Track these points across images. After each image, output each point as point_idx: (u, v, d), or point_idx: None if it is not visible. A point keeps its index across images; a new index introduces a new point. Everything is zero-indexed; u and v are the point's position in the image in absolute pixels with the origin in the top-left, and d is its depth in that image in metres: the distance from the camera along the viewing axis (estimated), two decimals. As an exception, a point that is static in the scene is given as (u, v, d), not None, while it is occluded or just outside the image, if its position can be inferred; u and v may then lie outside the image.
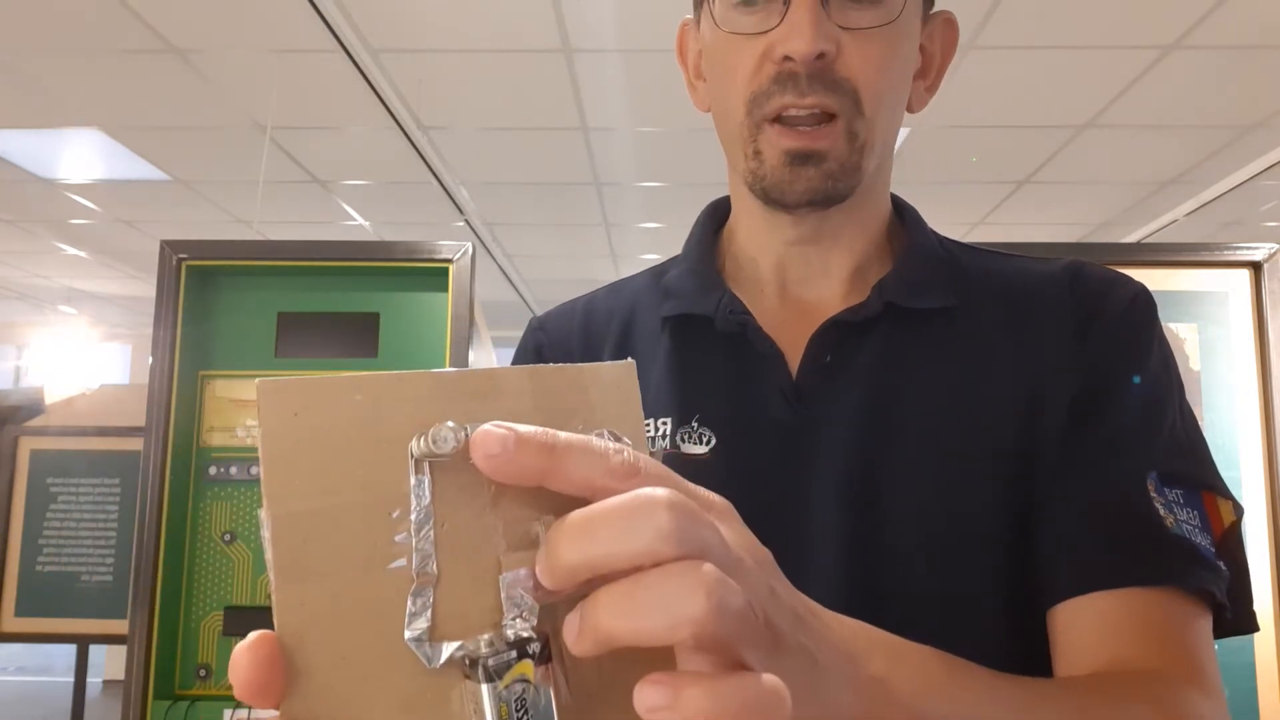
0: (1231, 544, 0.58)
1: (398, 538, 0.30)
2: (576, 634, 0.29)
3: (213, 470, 1.75)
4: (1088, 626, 0.54)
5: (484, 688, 0.29)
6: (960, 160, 4.06)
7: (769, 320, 0.66)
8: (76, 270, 6.35)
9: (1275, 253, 1.72)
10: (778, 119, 0.60)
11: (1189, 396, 0.64)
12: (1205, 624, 0.55)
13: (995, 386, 0.61)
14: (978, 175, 4.26)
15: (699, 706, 0.27)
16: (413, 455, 0.30)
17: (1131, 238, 4.90)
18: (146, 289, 6.56)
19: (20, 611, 2.45)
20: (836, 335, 0.63)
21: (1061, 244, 2.08)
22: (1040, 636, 0.57)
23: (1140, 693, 0.49)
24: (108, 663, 5.98)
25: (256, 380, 0.27)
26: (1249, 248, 1.73)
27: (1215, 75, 3.19)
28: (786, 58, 0.58)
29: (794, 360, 0.64)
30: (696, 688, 0.27)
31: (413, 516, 0.30)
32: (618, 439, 0.34)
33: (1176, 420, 0.60)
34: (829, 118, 0.59)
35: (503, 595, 0.31)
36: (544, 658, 0.30)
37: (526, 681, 0.29)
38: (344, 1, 2.77)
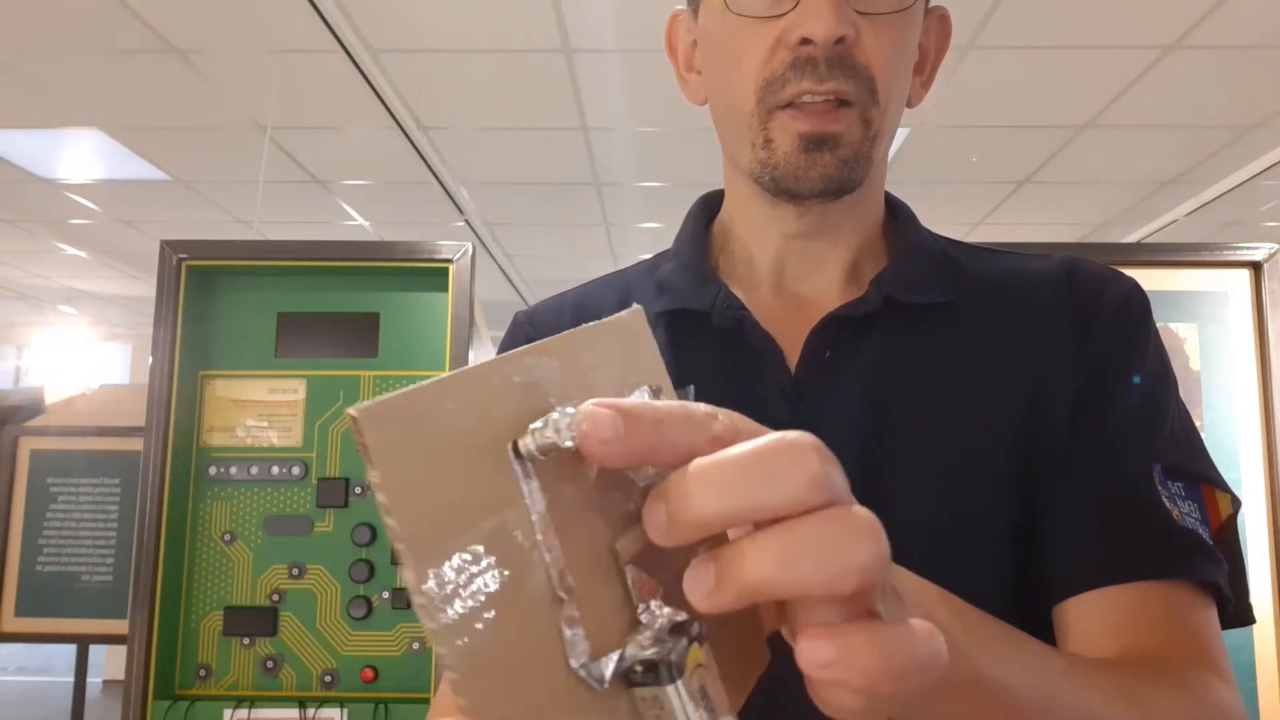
0: (1228, 536, 0.59)
1: (532, 555, 0.26)
2: (712, 587, 0.26)
3: (213, 470, 1.75)
4: (1099, 619, 0.54)
5: (671, 689, 0.27)
6: (960, 160, 4.06)
7: (765, 316, 0.65)
8: (76, 270, 6.35)
9: (1275, 253, 1.72)
10: (791, 104, 0.58)
11: (1189, 397, 0.64)
12: (1213, 615, 0.55)
13: (996, 384, 0.61)
14: (978, 175, 4.26)
15: (870, 658, 0.25)
16: (523, 456, 0.27)
17: (1131, 238, 4.90)
18: (146, 289, 6.56)
19: (20, 611, 2.45)
20: (835, 331, 0.62)
21: (1061, 244, 2.08)
22: (1043, 634, 0.56)
23: (1169, 676, 0.50)
24: (108, 663, 5.98)
25: (350, 410, 0.23)
26: (1249, 248, 1.73)
27: (1215, 75, 3.19)
28: (804, 41, 0.56)
29: (792, 356, 0.63)
30: (863, 638, 0.26)
31: (538, 529, 0.27)
32: (656, 394, 0.33)
33: (1175, 413, 0.61)
34: (843, 103, 0.57)
35: (630, 584, 0.29)
36: (704, 636, 0.28)
37: (701, 665, 0.27)
38: (344, 1, 2.77)
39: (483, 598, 0.25)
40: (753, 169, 0.61)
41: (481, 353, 2.04)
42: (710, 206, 0.74)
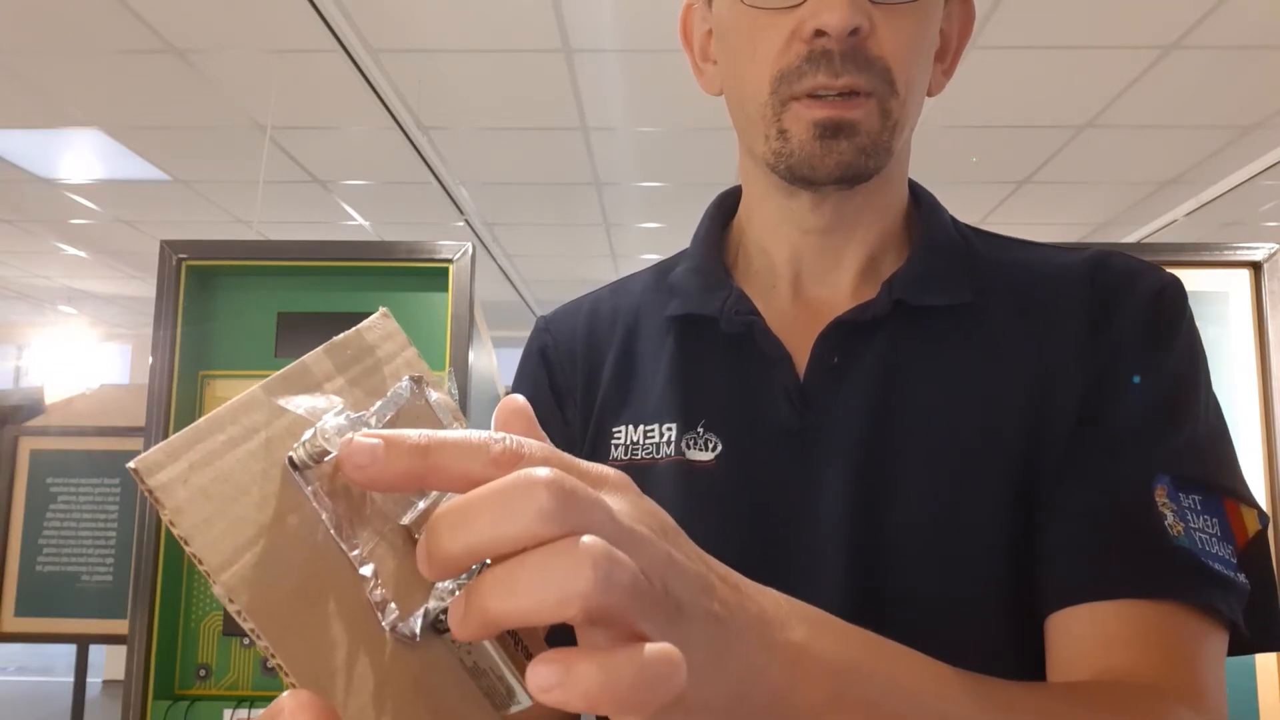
0: (1256, 554, 0.55)
1: (331, 547, 0.30)
2: (461, 619, 0.28)
3: (213, 470, 1.75)
4: (1081, 636, 0.52)
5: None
6: (960, 160, 4.06)
7: (778, 318, 0.64)
8: (76, 270, 6.35)
9: (1275, 253, 1.72)
10: (806, 95, 0.57)
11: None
12: (1210, 640, 0.52)
13: (1005, 389, 0.59)
14: (978, 175, 4.26)
15: (590, 681, 0.26)
16: (299, 466, 0.30)
17: (1131, 238, 4.90)
18: (146, 289, 6.56)
19: (20, 611, 2.45)
20: (843, 336, 0.61)
21: (1061, 244, 2.08)
22: (1042, 642, 0.55)
23: (1115, 703, 0.47)
24: (108, 663, 5.98)
25: (129, 465, 0.26)
26: (1249, 248, 1.73)
27: (1215, 75, 3.19)
28: (818, 33, 0.55)
29: (802, 361, 0.62)
30: (587, 663, 0.27)
31: (329, 524, 0.30)
32: (417, 381, 0.36)
33: (1199, 422, 0.57)
34: (860, 94, 0.56)
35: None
36: None
37: None
38: (344, 1, 2.77)
39: (296, 592, 0.28)
40: (768, 159, 0.60)
41: (481, 352, 2.04)
42: (727, 205, 0.73)
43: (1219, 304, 1.72)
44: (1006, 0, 2.72)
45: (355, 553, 0.31)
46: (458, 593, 0.31)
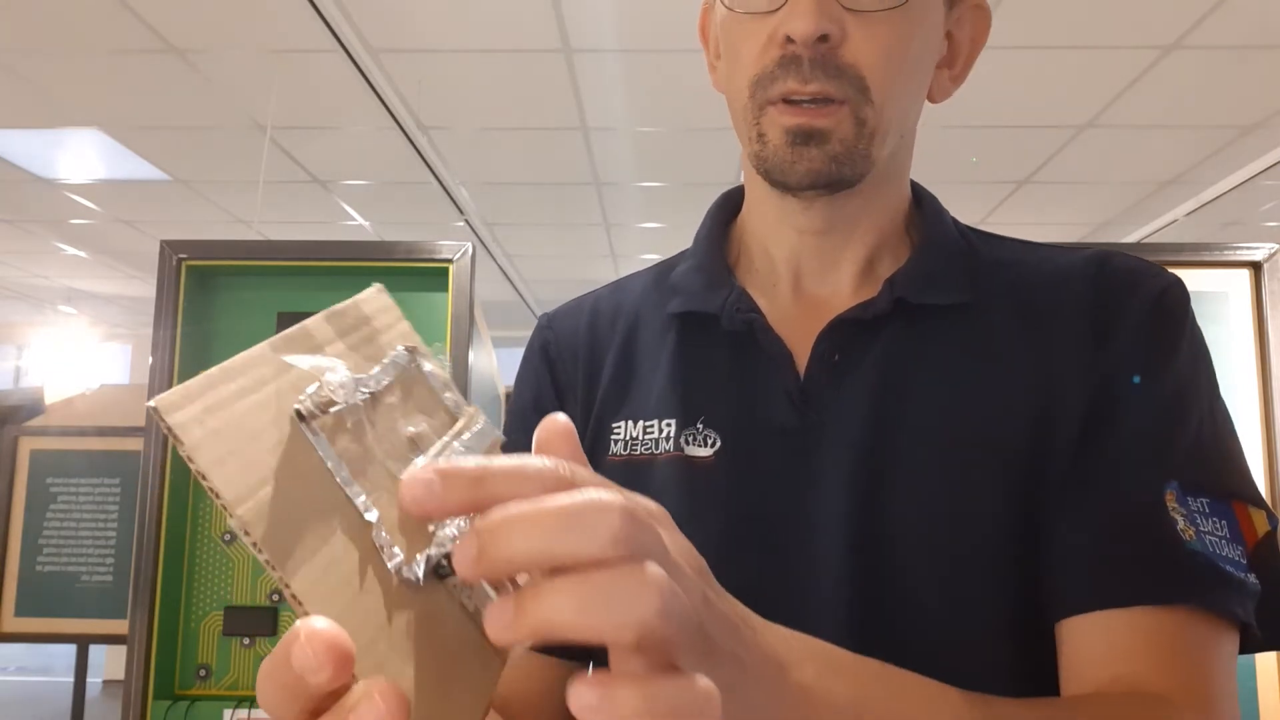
0: (1266, 555, 0.55)
1: (337, 494, 0.32)
2: (510, 621, 0.29)
3: (213, 470, 1.75)
4: (1092, 644, 0.52)
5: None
6: (960, 160, 4.06)
7: (779, 316, 0.64)
8: (76, 270, 6.35)
9: (1275, 253, 1.72)
10: (781, 100, 0.58)
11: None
12: (1222, 645, 0.52)
13: (1007, 389, 0.58)
14: (978, 175, 4.26)
15: (632, 707, 0.27)
16: (305, 417, 0.31)
17: (1131, 238, 4.90)
18: (146, 289, 6.56)
19: (20, 611, 2.45)
20: (844, 334, 0.61)
21: (1062, 245, 2.08)
22: (1050, 649, 0.55)
23: (1122, 714, 0.47)
24: (108, 663, 5.98)
25: (149, 403, 0.27)
26: (1249, 248, 1.73)
27: (1215, 75, 3.19)
28: (789, 39, 0.56)
29: (802, 360, 0.62)
30: (630, 689, 0.28)
31: (336, 473, 0.32)
32: (412, 352, 0.38)
33: (1205, 424, 0.57)
34: (832, 101, 0.57)
35: None
36: None
37: None
38: (344, 1, 2.77)
39: (307, 529, 0.30)
40: (752, 161, 0.61)
41: (481, 352, 2.04)
42: (730, 204, 0.73)
43: (1219, 304, 1.73)
44: (1007, 0, 2.72)
45: (361, 499, 0.32)
46: (458, 540, 0.31)
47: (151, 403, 0.27)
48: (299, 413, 0.31)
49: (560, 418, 0.36)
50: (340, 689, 0.28)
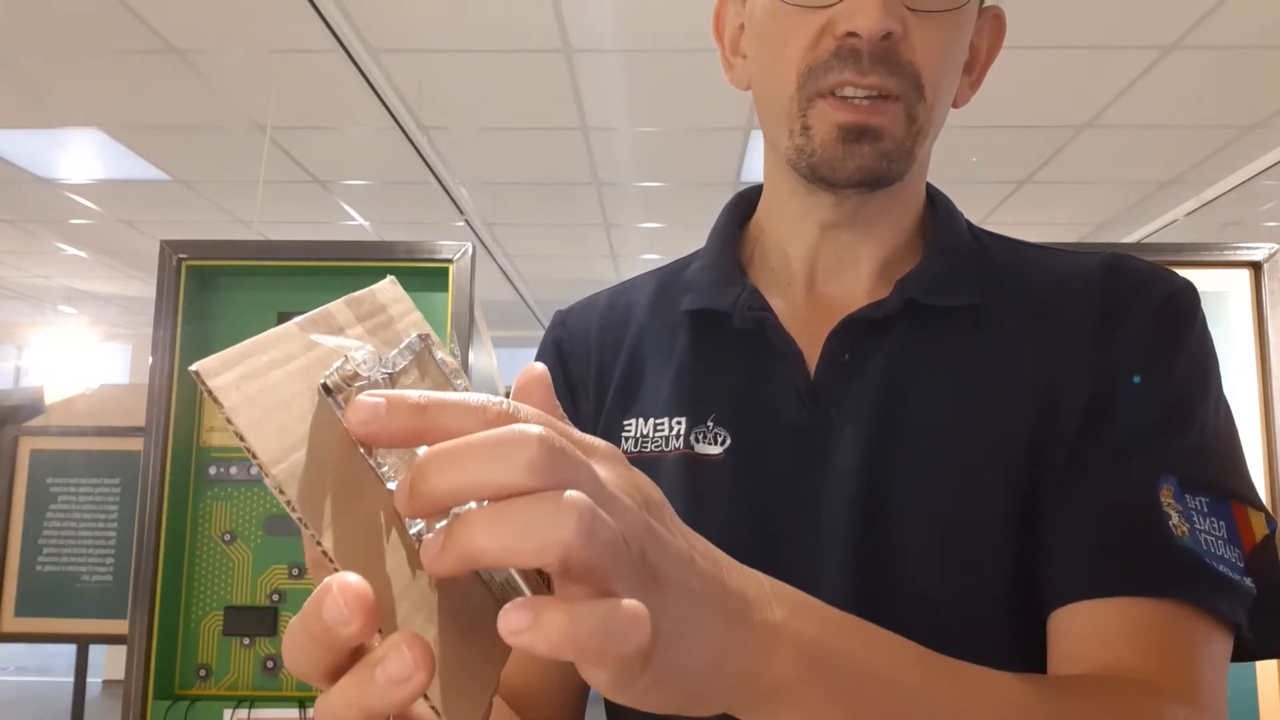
0: (1263, 558, 0.55)
1: (365, 460, 0.33)
2: (438, 552, 0.30)
3: (213, 470, 1.75)
4: (1080, 632, 0.52)
5: None
6: (960, 160, 4.06)
7: (791, 315, 0.64)
8: (76, 270, 6.35)
9: (1275, 253, 1.73)
10: (832, 94, 0.57)
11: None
12: (1211, 643, 0.52)
13: (1013, 389, 0.59)
14: (978, 175, 4.26)
15: (559, 628, 0.28)
16: (331, 390, 0.33)
17: (1131, 238, 4.90)
18: (146, 289, 6.56)
19: (20, 611, 2.45)
20: (855, 333, 0.61)
21: (1061, 244, 2.08)
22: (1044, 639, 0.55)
23: (1104, 695, 0.47)
24: (108, 663, 5.98)
25: (191, 367, 0.29)
26: (1249, 248, 1.73)
27: (1215, 75, 3.19)
28: (850, 34, 0.55)
29: (813, 359, 0.62)
30: (556, 610, 0.28)
31: (360, 444, 0.33)
32: (425, 339, 0.40)
33: (1209, 424, 0.57)
34: (887, 97, 0.57)
35: None
36: None
37: None
38: (344, 1, 2.77)
39: (336, 491, 0.31)
40: (790, 155, 0.60)
41: (481, 352, 2.04)
42: (745, 204, 0.73)
43: (1219, 304, 1.73)
44: (1007, 1, 2.72)
45: (384, 469, 0.34)
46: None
47: (194, 367, 0.29)
48: (325, 386, 0.33)
49: (538, 366, 0.37)
50: (361, 648, 0.29)
